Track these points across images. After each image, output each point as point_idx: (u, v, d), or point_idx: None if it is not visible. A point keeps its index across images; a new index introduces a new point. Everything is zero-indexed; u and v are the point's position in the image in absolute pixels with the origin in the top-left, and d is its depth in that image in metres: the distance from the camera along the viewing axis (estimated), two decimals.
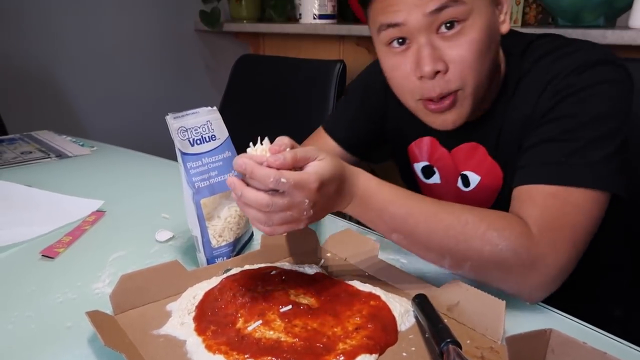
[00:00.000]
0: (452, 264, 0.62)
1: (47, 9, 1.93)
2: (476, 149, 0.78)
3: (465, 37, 0.64)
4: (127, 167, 1.24)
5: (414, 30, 0.64)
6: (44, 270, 0.72)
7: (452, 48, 0.64)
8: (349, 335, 0.54)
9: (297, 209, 0.54)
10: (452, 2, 0.62)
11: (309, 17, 2.01)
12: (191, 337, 0.55)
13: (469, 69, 0.65)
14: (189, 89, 2.41)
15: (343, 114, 0.95)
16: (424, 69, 0.64)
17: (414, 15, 0.63)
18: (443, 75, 0.65)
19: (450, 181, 0.83)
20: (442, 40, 0.64)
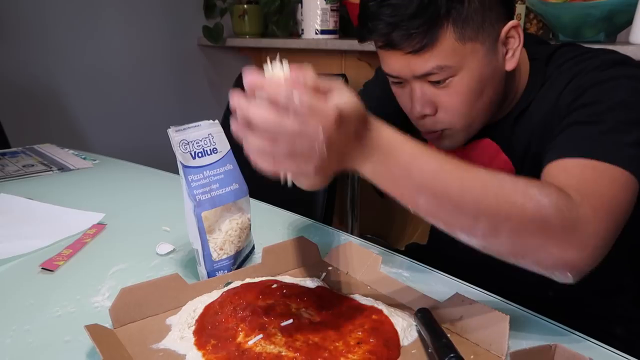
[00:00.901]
0: (488, 228, 0.52)
1: (50, 23, 1.95)
2: (490, 146, 0.80)
3: (453, 89, 0.68)
4: (129, 180, 1.24)
5: (406, 80, 0.71)
6: (44, 283, 0.72)
7: (440, 96, 0.70)
8: (350, 349, 0.54)
9: (308, 140, 0.45)
10: (437, 69, 0.67)
11: (311, 32, 2.03)
12: (191, 351, 0.54)
13: (456, 115, 0.71)
14: (191, 103, 2.43)
15: (373, 90, 0.98)
16: (414, 110, 0.72)
17: (404, 72, 0.69)
18: (432, 116, 0.72)
19: None
20: (432, 87, 0.70)
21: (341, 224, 1.95)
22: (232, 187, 0.71)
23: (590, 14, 1.29)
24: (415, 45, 0.65)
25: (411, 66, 0.67)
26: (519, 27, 0.69)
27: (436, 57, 0.66)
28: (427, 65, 0.66)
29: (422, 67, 0.67)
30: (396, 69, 0.70)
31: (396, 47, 0.66)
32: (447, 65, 0.66)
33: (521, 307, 0.64)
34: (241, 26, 2.30)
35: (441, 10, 0.63)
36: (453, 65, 0.66)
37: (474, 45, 0.66)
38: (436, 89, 0.69)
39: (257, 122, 0.45)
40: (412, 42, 0.65)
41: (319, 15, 1.99)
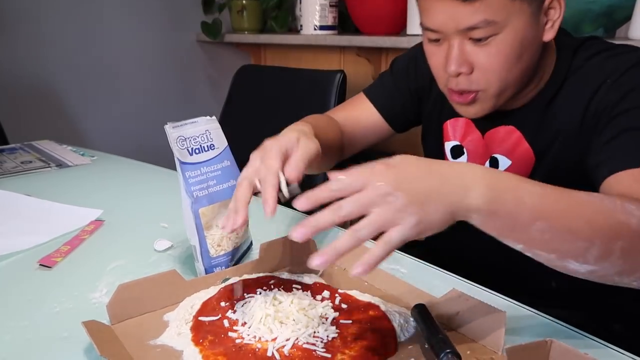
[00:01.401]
0: (601, 250, 0.50)
1: (48, 19, 1.94)
2: (512, 134, 0.79)
3: (494, 48, 0.67)
4: (127, 176, 1.24)
5: (447, 34, 0.68)
6: (41, 280, 0.72)
7: (479, 55, 0.68)
8: (347, 345, 0.54)
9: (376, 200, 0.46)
10: (484, 23, 0.65)
11: (309, 28, 2.02)
12: (188, 347, 0.54)
13: (493, 76, 0.69)
14: (190, 98, 2.42)
15: (387, 82, 0.96)
16: (450, 68, 0.69)
17: (447, 25, 0.67)
18: (466, 75, 0.70)
19: (478, 163, 0.82)
20: (472, 44, 0.68)
21: None
22: (230, 183, 0.71)
23: (589, 10, 1.29)
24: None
25: (457, 17, 0.65)
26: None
27: (485, 10, 0.64)
28: (475, 18, 0.64)
29: (469, 19, 0.65)
30: (439, 20, 0.67)
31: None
32: (494, 21, 0.64)
33: (517, 303, 0.65)
34: (240, 22, 2.30)
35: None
36: (499, 21, 0.65)
37: (521, 5, 0.65)
38: (476, 47, 0.68)
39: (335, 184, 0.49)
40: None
41: (318, 11, 1.99)
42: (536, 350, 0.48)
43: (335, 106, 1.40)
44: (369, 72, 1.93)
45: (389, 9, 1.80)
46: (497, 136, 0.80)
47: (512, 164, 0.80)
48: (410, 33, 1.72)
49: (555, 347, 0.48)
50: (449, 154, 0.89)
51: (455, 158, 0.87)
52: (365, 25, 1.90)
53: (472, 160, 0.85)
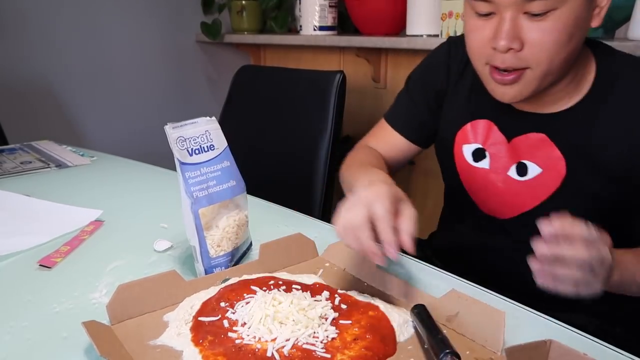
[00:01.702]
0: None
1: (48, 19, 1.94)
2: (544, 142, 0.77)
3: (549, 24, 0.65)
4: (127, 176, 1.24)
5: (501, 6, 0.66)
6: (41, 280, 0.72)
7: (533, 30, 0.66)
8: (347, 346, 0.54)
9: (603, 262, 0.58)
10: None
11: (309, 28, 2.02)
12: (188, 347, 0.54)
13: (543, 54, 0.67)
14: (189, 99, 2.42)
15: (404, 102, 0.96)
16: (499, 42, 0.67)
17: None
18: (516, 52, 0.68)
19: (501, 168, 0.82)
20: (526, 19, 0.66)
21: None
22: (229, 184, 0.71)
23: None
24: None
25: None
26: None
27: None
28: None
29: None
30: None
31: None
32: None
33: (517, 303, 0.65)
34: (239, 22, 2.30)
35: None
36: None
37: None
38: (530, 22, 0.66)
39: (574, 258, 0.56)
40: None
41: (317, 12, 1.99)
42: (535, 351, 0.49)
43: (334, 106, 1.40)
44: (369, 72, 1.93)
45: (389, 9, 1.80)
46: (527, 142, 0.78)
47: (542, 172, 0.78)
48: (410, 34, 1.72)
49: (555, 348, 0.48)
50: (469, 157, 0.86)
51: (477, 161, 0.85)
52: (365, 26, 1.91)
53: (494, 165, 0.82)
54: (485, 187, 0.84)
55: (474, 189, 0.86)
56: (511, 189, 0.77)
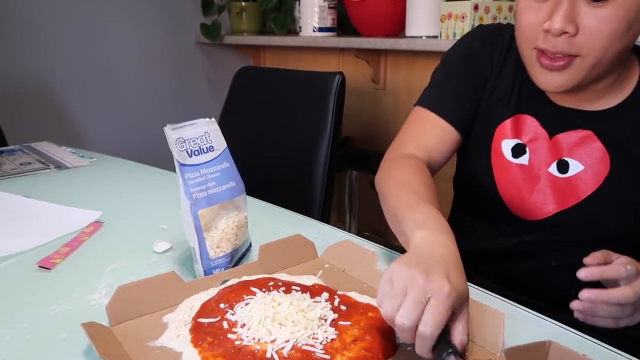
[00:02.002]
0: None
1: (48, 20, 1.94)
2: (589, 139, 0.75)
3: (609, 11, 0.63)
4: (126, 178, 1.24)
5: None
6: (41, 281, 0.72)
7: (591, 16, 0.64)
8: (346, 347, 0.54)
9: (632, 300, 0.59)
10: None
11: (308, 30, 2.03)
12: (187, 348, 0.54)
13: (598, 42, 0.65)
14: (189, 100, 2.43)
15: (447, 88, 0.87)
16: (554, 25, 0.64)
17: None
18: (569, 37, 0.65)
19: (542, 165, 0.79)
20: (585, 3, 0.64)
21: (339, 222, 1.95)
22: (229, 185, 0.71)
23: None
24: None
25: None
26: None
27: None
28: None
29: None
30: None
31: None
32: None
33: (516, 304, 0.65)
34: (239, 23, 2.30)
35: None
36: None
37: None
38: (589, 8, 0.63)
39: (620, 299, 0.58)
40: None
41: (317, 13, 1.99)
42: (535, 352, 0.49)
43: (334, 108, 1.40)
44: (368, 73, 1.93)
45: (388, 11, 1.81)
46: (570, 139, 0.76)
47: (585, 169, 0.76)
48: (409, 35, 1.73)
49: (554, 349, 0.48)
50: (508, 153, 0.82)
51: (516, 157, 0.81)
52: (364, 27, 1.91)
53: (533, 161, 0.80)
54: (521, 185, 0.81)
55: (508, 186, 0.82)
56: (551, 185, 0.75)
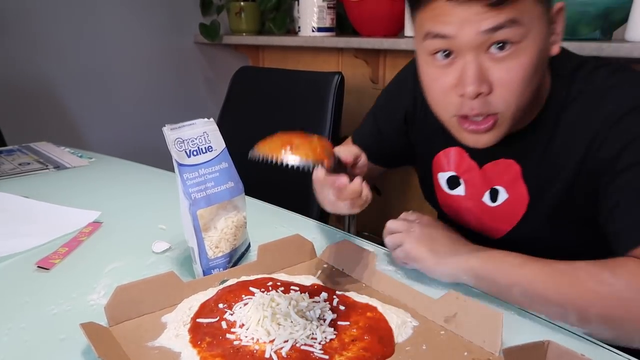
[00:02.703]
0: (577, 316, 0.57)
1: (46, 20, 1.94)
2: (511, 167, 0.75)
3: (516, 61, 0.60)
4: (125, 178, 1.24)
5: (462, 46, 0.60)
6: (39, 282, 0.72)
7: (500, 70, 0.61)
8: (345, 347, 0.54)
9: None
10: (510, 23, 0.58)
11: (307, 30, 2.02)
12: (186, 349, 0.54)
13: (514, 93, 0.62)
14: (188, 100, 2.42)
15: (370, 125, 0.94)
16: (467, 88, 0.61)
17: (466, 30, 0.59)
18: (485, 96, 0.62)
19: (476, 194, 0.80)
20: (490, 60, 0.61)
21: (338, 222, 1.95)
22: (228, 185, 0.71)
23: (586, 12, 1.29)
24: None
25: (481, 20, 0.58)
26: (564, 10, 0.64)
27: (514, 10, 0.58)
28: (501, 18, 0.57)
29: (495, 19, 0.57)
30: (457, 25, 0.59)
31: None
32: (520, 22, 0.58)
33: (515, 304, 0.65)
34: (238, 23, 2.30)
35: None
36: (525, 24, 0.59)
37: (541, 10, 0.60)
38: (494, 63, 0.61)
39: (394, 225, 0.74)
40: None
41: (316, 13, 1.99)
42: (533, 351, 0.49)
43: (333, 107, 1.41)
44: (367, 73, 1.93)
45: (387, 11, 1.80)
46: (497, 168, 0.76)
47: (508, 198, 0.76)
48: (408, 35, 1.73)
49: (553, 348, 0.48)
50: (445, 185, 0.85)
51: (452, 189, 0.84)
52: (363, 27, 1.91)
53: (469, 191, 0.81)
54: (465, 214, 0.83)
55: (454, 215, 0.86)
56: (487, 216, 0.76)
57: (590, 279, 0.56)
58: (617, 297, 0.55)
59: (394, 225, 0.73)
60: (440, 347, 0.56)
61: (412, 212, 0.75)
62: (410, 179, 1.97)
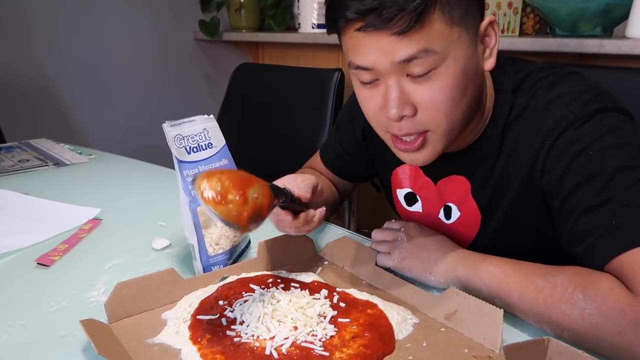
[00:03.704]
0: (554, 333, 0.56)
1: (45, 17, 1.93)
2: (462, 184, 0.74)
3: (436, 83, 0.60)
4: (125, 175, 1.24)
5: (382, 73, 0.60)
6: (39, 279, 0.72)
7: (421, 92, 0.60)
8: (345, 344, 0.54)
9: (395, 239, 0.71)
10: (423, 53, 0.57)
11: (307, 26, 2.02)
12: (186, 345, 0.54)
13: (440, 113, 0.62)
14: (188, 97, 2.42)
15: (333, 142, 0.95)
16: (390, 111, 0.61)
17: (382, 59, 0.59)
18: (411, 117, 0.62)
19: (432, 211, 0.80)
20: (412, 82, 0.60)
21: (338, 219, 1.95)
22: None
23: (587, 8, 1.29)
24: (403, 24, 0.55)
25: (393, 51, 0.57)
26: (495, 24, 0.63)
27: (423, 38, 0.57)
28: (413, 48, 0.57)
29: (406, 50, 0.57)
30: (373, 56, 0.59)
31: (381, 26, 0.56)
32: (434, 50, 0.57)
33: None
34: (237, 20, 2.29)
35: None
36: (439, 51, 0.58)
37: (460, 31, 0.59)
38: (416, 84, 0.60)
39: (381, 235, 0.75)
40: (400, 20, 0.55)
41: (316, 9, 1.98)
42: (534, 349, 0.49)
43: (333, 104, 1.41)
44: None
45: None
46: (450, 184, 0.76)
47: (461, 215, 0.76)
48: None
49: (553, 346, 0.48)
50: (403, 201, 0.85)
51: (410, 205, 0.84)
52: None
53: (425, 208, 0.81)
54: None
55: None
56: (444, 232, 0.74)
57: (563, 300, 0.55)
58: (588, 322, 0.53)
59: (380, 236, 0.73)
60: (440, 344, 0.56)
61: (394, 220, 0.75)
62: None
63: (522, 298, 0.58)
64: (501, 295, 0.60)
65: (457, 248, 0.68)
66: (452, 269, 0.65)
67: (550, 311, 0.55)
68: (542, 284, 0.57)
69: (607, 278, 0.55)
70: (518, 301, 0.58)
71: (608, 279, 0.54)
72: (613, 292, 0.53)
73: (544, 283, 0.57)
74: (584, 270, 0.57)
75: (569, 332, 0.54)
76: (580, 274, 0.56)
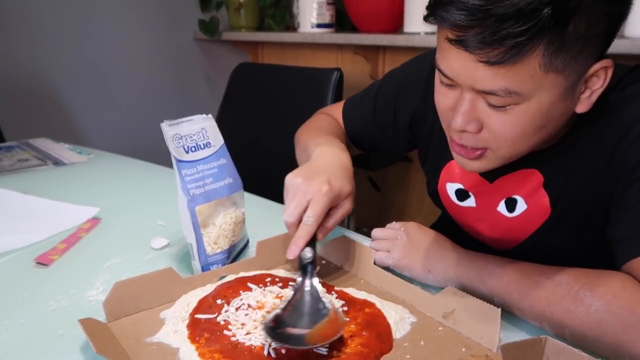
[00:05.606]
0: (554, 331, 0.56)
1: (45, 17, 1.94)
2: (532, 176, 0.69)
3: (511, 117, 0.56)
4: (124, 174, 1.24)
5: (461, 85, 0.57)
6: (38, 278, 0.72)
7: (493, 117, 0.56)
8: (343, 342, 0.54)
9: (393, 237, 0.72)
10: (504, 92, 0.53)
11: (307, 26, 2.02)
12: (184, 344, 0.54)
13: (504, 142, 0.58)
14: (187, 97, 2.42)
15: (367, 110, 0.89)
16: (455, 120, 0.58)
17: (462, 78, 0.56)
18: (473, 134, 0.59)
19: (489, 206, 0.75)
20: (487, 104, 0.56)
21: None
22: (226, 181, 0.71)
23: None
24: (494, 56, 0.51)
25: (475, 76, 0.54)
26: (610, 68, 0.56)
27: (510, 77, 0.52)
28: (495, 84, 0.53)
29: (488, 83, 0.53)
30: (455, 71, 0.56)
31: (468, 49, 0.52)
32: (517, 92, 0.53)
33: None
34: (237, 20, 2.29)
35: (539, 25, 0.49)
36: (524, 93, 0.53)
37: (556, 78, 0.53)
38: (491, 109, 0.56)
39: (382, 233, 0.75)
40: (494, 50, 0.51)
41: (315, 9, 1.99)
42: (531, 348, 0.49)
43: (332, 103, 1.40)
44: (366, 70, 1.93)
45: (387, 7, 1.80)
46: (514, 179, 0.71)
47: (527, 208, 0.71)
48: (408, 31, 1.72)
49: (550, 345, 0.49)
50: (453, 196, 0.80)
51: (461, 201, 0.79)
52: (363, 24, 1.90)
53: (480, 202, 0.77)
54: (475, 224, 0.79)
55: (466, 225, 0.82)
56: (503, 227, 0.73)
57: (567, 297, 0.55)
58: (593, 319, 0.53)
59: (380, 234, 0.73)
60: (438, 343, 0.56)
61: (395, 222, 0.75)
62: (409, 176, 1.97)
63: (522, 296, 0.58)
64: (501, 294, 0.60)
65: (456, 247, 0.68)
66: (451, 268, 0.65)
67: (552, 308, 0.55)
68: (544, 282, 0.57)
69: (620, 278, 0.54)
70: (518, 299, 0.59)
71: (621, 278, 0.54)
72: (625, 291, 0.53)
73: (546, 281, 0.57)
74: (590, 270, 0.57)
75: (570, 330, 0.54)
76: (586, 274, 0.56)
